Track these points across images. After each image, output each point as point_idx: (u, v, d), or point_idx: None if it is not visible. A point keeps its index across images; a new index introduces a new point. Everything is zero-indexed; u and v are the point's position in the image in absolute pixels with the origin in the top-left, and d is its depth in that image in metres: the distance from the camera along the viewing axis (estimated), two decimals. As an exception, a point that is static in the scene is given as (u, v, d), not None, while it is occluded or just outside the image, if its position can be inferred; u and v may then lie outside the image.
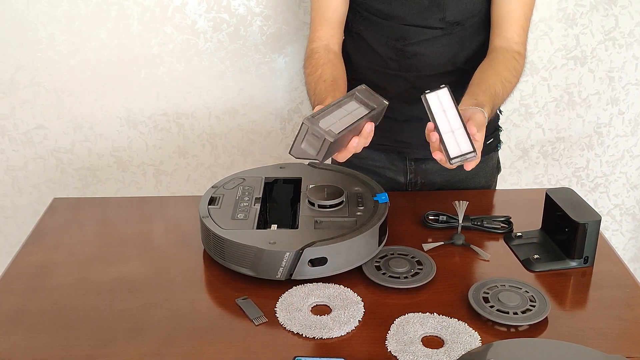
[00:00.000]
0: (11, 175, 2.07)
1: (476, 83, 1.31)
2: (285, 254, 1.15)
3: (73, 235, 1.38)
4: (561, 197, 1.30)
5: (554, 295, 1.17)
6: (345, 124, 1.12)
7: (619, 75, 2.02)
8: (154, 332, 1.08)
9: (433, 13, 1.39)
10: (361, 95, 1.20)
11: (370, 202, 1.30)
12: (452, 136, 1.08)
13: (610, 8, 1.93)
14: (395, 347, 1.04)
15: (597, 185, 2.19)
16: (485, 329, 1.08)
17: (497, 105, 1.32)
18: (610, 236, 2.27)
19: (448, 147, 1.07)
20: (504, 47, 1.40)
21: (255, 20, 1.90)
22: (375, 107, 1.19)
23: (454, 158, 1.06)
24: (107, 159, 2.06)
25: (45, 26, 1.87)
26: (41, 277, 1.24)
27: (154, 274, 1.25)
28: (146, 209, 1.50)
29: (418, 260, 1.25)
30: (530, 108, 2.06)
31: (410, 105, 1.46)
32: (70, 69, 1.93)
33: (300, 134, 1.09)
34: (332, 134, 1.08)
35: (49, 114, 1.99)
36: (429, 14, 1.39)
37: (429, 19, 1.39)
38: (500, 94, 1.31)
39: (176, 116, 2.01)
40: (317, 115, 1.11)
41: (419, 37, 1.41)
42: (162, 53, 1.92)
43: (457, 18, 1.39)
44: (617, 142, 2.13)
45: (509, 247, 1.32)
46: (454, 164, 1.08)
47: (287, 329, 1.08)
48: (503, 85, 1.32)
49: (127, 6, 1.85)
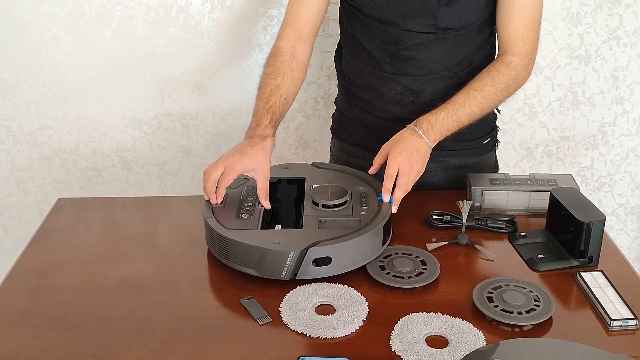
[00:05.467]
0: (16, 175, 2.08)
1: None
2: (289, 253, 1.15)
3: (78, 235, 1.38)
4: (565, 196, 1.30)
5: (558, 295, 1.17)
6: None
7: (623, 74, 2.02)
8: (159, 332, 1.09)
9: (425, 19, 1.38)
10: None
11: (374, 201, 1.30)
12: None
13: (614, 7, 1.92)
14: (400, 346, 1.04)
15: (601, 185, 2.19)
16: (490, 328, 1.08)
17: (458, 116, 1.35)
18: (614, 236, 2.26)
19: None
20: (498, 56, 1.42)
21: (259, 20, 1.90)
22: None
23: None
24: (111, 159, 2.06)
25: (49, 27, 1.87)
26: (46, 277, 1.24)
27: (158, 273, 1.25)
28: (151, 209, 1.50)
29: (422, 260, 1.25)
30: (535, 107, 2.06)
31: (405, 108, 1.46)
32: (75, 70, 1.93)
33: None
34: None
35: (54, 115, 1.99)
36: (421, 20, 1.38)
37: (421, 25, 1.39)
38: (462, 101, 1.36)
39: (180, 116, 2.01)
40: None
41: (412, 41, 1.41)
42: (166, 53, 1.92)
43: (451, 25, 1.39)
44: (622, 141, 2.12)
45: (513, 247, 1.32)
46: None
47: (292, 328, 1.08)
48: (466, 94, 1.36)
49: (131, 7, 1.86)
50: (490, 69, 1.39)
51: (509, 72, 1.38)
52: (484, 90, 1.37)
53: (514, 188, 1.41)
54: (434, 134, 1.33)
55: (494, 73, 1.38)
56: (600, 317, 1.12)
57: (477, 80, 1.38)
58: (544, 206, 1.36)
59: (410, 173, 1.28)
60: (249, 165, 1.29)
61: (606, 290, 1.17)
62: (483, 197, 1.42)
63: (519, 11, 1.37)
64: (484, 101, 1.37)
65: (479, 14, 1.40)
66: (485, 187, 1.42)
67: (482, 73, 1.39)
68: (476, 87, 1.37)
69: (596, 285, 1.18)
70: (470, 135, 1.49)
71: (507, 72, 1.38)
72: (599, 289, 1.17)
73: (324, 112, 2.02)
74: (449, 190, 1.53)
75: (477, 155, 1.57)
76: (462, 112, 1.35)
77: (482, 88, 1.37)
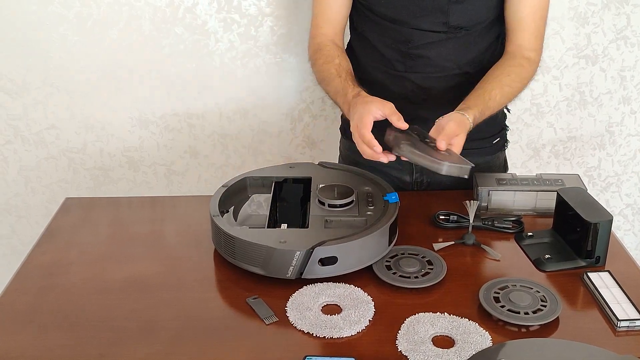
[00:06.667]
0: (24, 175, 2.08)
1: (476, 87, 1.36)
2: (295, 253, 1.15)
3: (85, 234, 1.39)
4: (572, 196, 1.29)
5: (565, 295, 1.17)
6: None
7: (630, 74, 2.01)
8: (165, 331, 1.09)
9: (436, 18, 1.38)
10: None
11: (380, 201, 1.30)
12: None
13: (622, 7, 1.91)
14: (406, 346, 1.04)
15: (608, 185, 2.18)
16: (496, 329, 1.08)
17: (491, 109, 1.34)
18: (622, 236, 2.25)
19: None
20: (513, 52, 1.42)
21: (266, 20, 1.90)
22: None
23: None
24: (118, 159, 2.07)
25: (57, 27, 1.88)
26: (53, 276, 1.24)
27: (165, 273, 1.25)
28: (157, 208, 1.51)
29: (428, 260, 1.25)
30: (542, 107, 2.05)
31: (415, 105, 1.46)
32: (82, 70, 1.94)
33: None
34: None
35: (61, 115, 2.00)
36: (433, 19, 1.39)
37: (432, 23, 1.39)
38: (497, 98, 1.34)
39: (187, 116, 2.01)
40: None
41: (423, 40, 1.41)
42: (173, 53, 1.93)
43: (462, 23, 1.39)
44: (629, 141, 2.11)
45: (520, 247, 1.31)
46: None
47: (298, 328, 1.08)
48: (502, 90, 1.35)
49: (138, 7, 1.86)
50: (514, 64, 1.39)
51: (530, 67, 1.40)
52: (512, 87, 1.37)
53: (520, 188, 1.41)
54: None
55: (519, 69, 1.39)
56: (607, 318, 1.11)
57: (506, 75, 1.38)
58: (550, 206, 1.36)
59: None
60: (370, 110, 1.25)
61: (613, 290, 1.16)
62: (490, 197, 1.41)
63: (530, 8, 1.38)
64: (511, 97, 1.38)
65: (490, 12, 1.40)
66: (492, 187, 1.41)
67: (508, 68, 1.39)
68: (508, 82, 1.37)
69: (603, 286, 1.17)
70: (480, 134, 1.49)
71: (529, 68, 1.40)
72: (606, 289, 1.16)
73: (331, 112, 2.02)
74: (455, 190, 1.53)
75: (486, 155, 1.57)
76: (494, 108, 1.35)
77: (511, 84, 1.37)
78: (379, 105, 1.25)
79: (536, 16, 1.40)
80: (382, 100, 1.27)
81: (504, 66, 1.40)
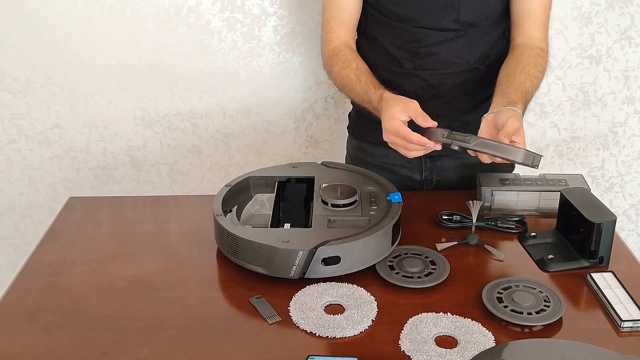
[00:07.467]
0: (27, 174, 2.09)
1: (505, 82, 1.34)
2: (298, 252, 1.15)
3: (88, 233, 1.39)
4: (576, 196, 1.29)
5: (568, 296, 1.17)
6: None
7: (634, 74, 2.01)
8: (168, 331, 1.09)
9: (447, 14, 1.38)
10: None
11: (384, 201, 1.30)
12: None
13: (626, 7, 1.91)
14: (409, 346, 1.04)
15: (612, 185, 2.18)
16: (499, 329, 1.08)
17: (528, 102, 1.34)
18: (626, 236, 2.25)
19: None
20: (527, 44, 1.41)
21: (269, 20, 1.90)
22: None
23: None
24: (122, 158, 2.07)
25: (60, 27, 1.88)
26: (57, 275, 1.25)
27: (168, 272, 1.25)
28: (161, 208, 1.51)
29: (432, 260, 1.24)
30: (545, 107, 2.05)
31: (425, 102, 1.45)
32: (86, 69, 1.94)
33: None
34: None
35: (65, 114, 2.00)
36: (443, 16, 1.39)
37: (443, 21, 1.39)
38: (530, 90, 1.34)
39: (190, 116, 2.01)
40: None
41: (433, 39, 1.41)
42: (177, 53, 1.93)
43: (472, 19, 1.40)
44: (633, 141, 2.11)
45: (523, 247, 1.31)
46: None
47: (301, 328, 1.08)
48: (531, 82, 1.35)
49: (141, 6, 1.87)
50: (533, 54, 1.40)
51: (546, 58, 1.42)
52: (538, 78, 1.38)
53: (524, 188, 1.41)
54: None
55: (540, 60, 1.39)
56: (611, 318, 1.11)
57: (532, 66, 1.37)
58: (554, 206, 1.36)
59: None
60: (394, 115, 1.25)
61: (617, 291, 1.16)
62: (493, 197, 1.41)
63: (538, 1, 1.40)
64: (537, 89, 1.38)
65: (498, 5, 1.41)
66: (495, 187, 1.41)
67: (531, 60, 1.39)
68: (534, 74, 1.37)
69: (607, 286, 1.17)
70: None
71: (546, 58, 1.42)
72: (610, 289, 1.16)
73: (334, 112, 2.02)
74: (458, 190, 1.52)
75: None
76: (529, 101, 1.35)
77: (537, 75, 1.38)
78: (403, 108, 1.25)
79: (545, 6, 1.42)
80: (406, 103, 1.27)
81: (526, 58, 1.39)
